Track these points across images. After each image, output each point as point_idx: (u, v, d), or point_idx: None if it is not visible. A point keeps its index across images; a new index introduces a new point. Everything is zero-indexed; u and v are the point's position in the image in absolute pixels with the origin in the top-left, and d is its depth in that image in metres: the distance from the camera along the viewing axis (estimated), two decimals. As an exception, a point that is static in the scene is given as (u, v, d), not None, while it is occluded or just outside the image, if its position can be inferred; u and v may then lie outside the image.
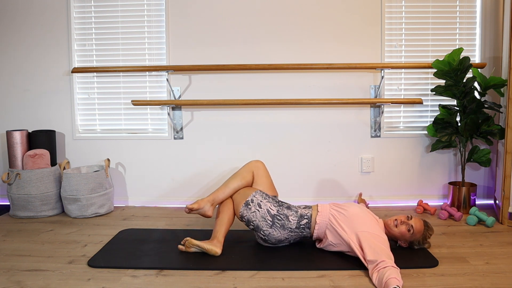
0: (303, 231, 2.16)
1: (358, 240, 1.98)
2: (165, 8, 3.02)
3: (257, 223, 2.16)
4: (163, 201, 3.16)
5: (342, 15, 3.00)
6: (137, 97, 3.12)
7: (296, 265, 2.01)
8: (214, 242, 2.12)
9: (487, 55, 3.00)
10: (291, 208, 2.20)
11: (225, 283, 1.84)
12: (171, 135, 3.12)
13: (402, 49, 3.03)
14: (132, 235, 2.44)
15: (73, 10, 3.06)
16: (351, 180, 3.12)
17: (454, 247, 2.23)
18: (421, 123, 3.09)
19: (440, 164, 3.10)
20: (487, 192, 3.13)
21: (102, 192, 2.88)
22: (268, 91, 3.06)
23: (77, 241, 2.38)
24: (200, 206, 2.19)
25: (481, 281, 1.83)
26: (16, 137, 2.86)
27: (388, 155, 3.10)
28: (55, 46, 3.09)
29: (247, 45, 3.03)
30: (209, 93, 3.08)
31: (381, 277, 1.76)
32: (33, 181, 2.81)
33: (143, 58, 3.09)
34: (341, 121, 3.07)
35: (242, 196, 2.23)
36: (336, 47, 3.02)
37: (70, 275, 1.93)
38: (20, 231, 2.56)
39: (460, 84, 2.70)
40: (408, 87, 3.07)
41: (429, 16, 3.01)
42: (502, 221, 2.60)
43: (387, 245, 1.96)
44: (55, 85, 3.12)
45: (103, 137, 3.16)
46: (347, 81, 3.03)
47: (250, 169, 2.33)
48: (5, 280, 1.87)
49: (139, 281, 1.87)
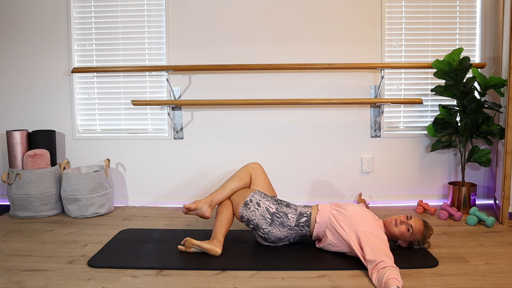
0: (303, 229, 2.16)
1: (357, 239, 1.98)
2: (165, 8, 3.02)
3: (257, 221, 2.17)
4: (163, 201, 3.16)
5: (342, 15, 3.00)
6: (137, 97, 3.12)
7: (296, 265, 2.01)
8: (214, 242, 2.12)
9: (487, 55, 3.00)
10: (290, 206, 2.21)
11: (225, 283, 1.84)
12: (171, 135, 3.12)
13: (402, 49, 3.03)
14: (132, 235, 2.44)
15: (73, 10, 3.06)
16: (351, 180, 3.12)
17: (454, 247, 2.23)
18: (421, 123, 3.09)
19: (440, 164, 3.10)
20: (487, 192, 3.13)
21: (102, 192, 2.88)
22: (268, 91, 3.06)
23: (77, 241, 2.38)
24: (198, 206, 2.21)
25: (481, 281, 1.83)
26: (16, 137, 2.86)
27: (388, 155, 3.10)
28: (55, 46, 3.09)
29: (247, 45, 3.03)
30: (209, 93, 3.08)
31: (380, 277, 1.76)
32: (33, 181, 2.81)
33: (143, 58, 3.09)
34: (341, 121, 3.07)
35: (240, 197, 2.24)
36: (336, 47, 3.02)
37: (70, 275, 1.93)
38: (20, 231, 2.56)
39: (460, 84, 2.70)
40: (408, 87, 3.07)
41: (429, 16, 3.01)
42: (502, 221, 2.60)
43: (386, 245, 1.96)
44: (55, 85, 3.12)
45: (103, 137, 3.16)
46: (347, 81, 3.03)
47: (248, 171, 2.36)
48: (5, 280, 1.87)
49: (139, 281, 1.87)
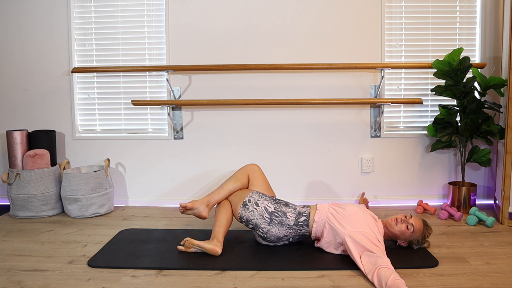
0: (302, 228, 2.16)
1: (353, 238, 1.98)
2: (165, 8, 3.02)
3: (256, 221, 2.17)
4: (163, 201, 3.16)
5: (342, 15, 3.00)
6: (137, 97, 3.12)
7: (296, 265, 2.01)
8: (214, 242, 2.12)
9: (487, 55, 3.00)
10: (288, 206, 2.21)
11: (225, 283, 1.84)
12: (171, 135, 3.12)
13: (402, 49, 3.03)
14: (132, 235, 2.44)
15: (73, 10, 3.06)
16: (351, 180, 3.12)
17: (454, 247, 2.23)
18: (421, 123, 3.09)
19: (440, 164, 3.10)
20: (487, 192, 3.13)
21: (102, 192, 2.88)
22: (268, 91, 3.06)
23: (77, 241, 2.38)
24: (195, 206, 2.22)
25: (481, 281, 1.83)
26: (16, 137, 2.86)
27: (388, 155, 3.10)
28: (55, 46, 3.09)
29: (247, 45, 3.03)
30: (209, 93, 3.08)
31: (381, 277, 1.76)
32: (33, 181, 2.81)
33: (143, 58, 3.09)
34: (341, 121, 3.08)
35: (239, 197, 2.25)
36: (336, 47, 3.02)
37: (70, 275, 1.93)
38: (20, 231, 2.56)
39: (460, 84, 2.70)
40: (408, 87, 3.07)
41: (429, 16, 3.01)
42: (502, 221, 2.60)
43: (382, 246, 1.97)
44: (55, 85, 3.12)
45: (103, 137, 3.16)
46: (347, 81, 3.03)
47: (246, 172, 2.37)
48: (5, 280, 1.87)
49: (139, 281, 1.87)
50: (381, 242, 1.99)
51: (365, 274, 1.86)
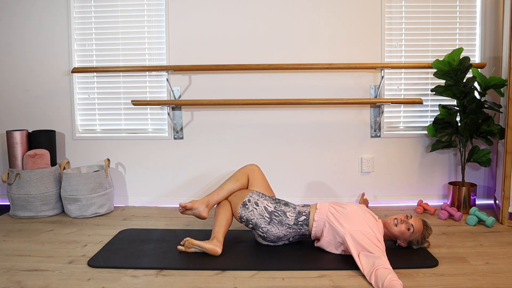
0: (302, 228, 2.16)
1: (353, 237, 1.98)
2: (165, 8, 3.02)
3: (255, 221, 2.17)
4: (163, 201, 3.16)
5: (342, 15, 2.99)
6: (137, 97, 3.12)
7: (296, 265, 2.01)
8: (214, 242, 2.12)
9: (487, 55, 3.00)
10: (288, 205, 2.21)
11: (225, 283, 1.84)
12: (171, 135, 3.12)
13: (402, 49, 3.03)
14: (132, 235, 2.44)
15: (73, 10, 3.06)
16: (351, 180, 3.12)
17: (454, 247, 2.23)
18: (421, 123, 3.09)
19: (440, 164, 3.10)
20: (487, 192, 3.13)
21: (102, 192, 2.88)
22: (268, 91, 3.06)
23: (77, 241, 2.38)
24: (194, 206, 2.22)
25: (481, 281, 1.83)
26: (16, 137, 2.86)
27: (388, 155, 3.10)
28: (55, 46, 3.09)
29: (247, 45, 3.03)
30: (209, 93, 3.08)
31: (378, 277, 1.76)
32: (33, 181, 2.81)
33: (143, 58, 3.09)
34: (341, 121, 3.08)
35: (239, 197, 2.25)
36: (336, 47, 3.02)
37: (70, 275, 1.93)
38: (20, 231, 2.56)
39: (460, 84, 2.70)
40: (408, 87, 3.07)
41: (429, 16, 3.01)
42: (502, 221, 2.60)
43: (382, 245, 1.97)
44: (55, 85, 3.12)
45: (103, 137, 3.16)
46: (347, 81, 3.03)
47: (245, 172, 2.37)
48: (5, 280, 1.87)
49: (139, 281, 1.87)
50: (381, 242, 1.99)
51: (363, 274, 1.86)
